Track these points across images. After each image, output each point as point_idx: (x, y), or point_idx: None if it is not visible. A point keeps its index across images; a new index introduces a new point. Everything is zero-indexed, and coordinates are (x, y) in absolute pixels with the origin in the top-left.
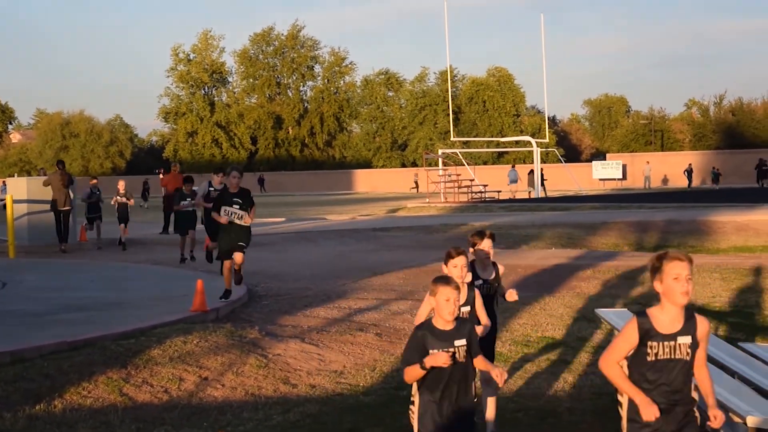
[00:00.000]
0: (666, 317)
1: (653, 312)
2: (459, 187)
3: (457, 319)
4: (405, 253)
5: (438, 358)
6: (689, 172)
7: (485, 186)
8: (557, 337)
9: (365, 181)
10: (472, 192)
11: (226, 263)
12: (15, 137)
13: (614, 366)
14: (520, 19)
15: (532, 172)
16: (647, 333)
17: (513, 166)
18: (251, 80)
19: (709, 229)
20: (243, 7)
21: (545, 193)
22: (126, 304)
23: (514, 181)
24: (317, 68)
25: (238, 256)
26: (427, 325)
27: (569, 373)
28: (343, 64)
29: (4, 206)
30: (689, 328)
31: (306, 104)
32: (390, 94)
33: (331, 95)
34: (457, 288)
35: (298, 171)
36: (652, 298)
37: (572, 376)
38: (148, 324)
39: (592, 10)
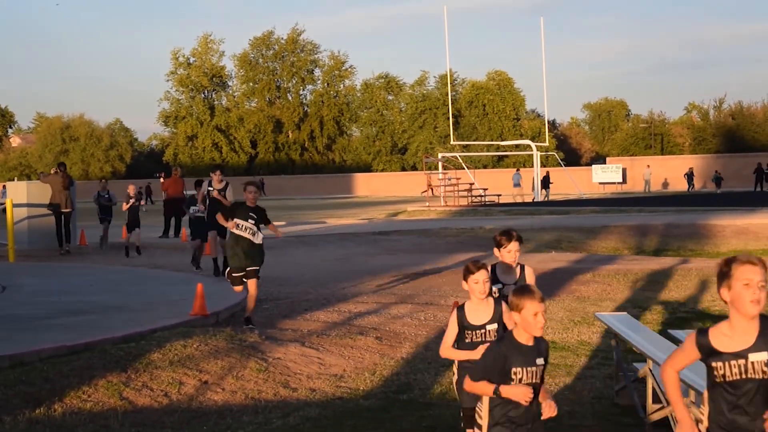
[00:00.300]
0: (733, 332)
1: (717, 329)
2: (459, 191)
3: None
4: (405, 257)
5: (518, 392)
6: (690, 176)
7: (485, 190)
8: (557, 341)
9: (365, 184)
10: (472, 196)
11: (237, 289)
12: (15, 141)
13: (669, 372)
14: (520, 23)
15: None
16: (708, 351)
17: (517, 170)
18: (251, 84)
19: (709, 232)
20: (243, 11)
21: (547, 197)
22: (126, 308)
23: (517, 184)
24: (317, 72)
25: (252, 286)
26: (509, 338)
27: (569, 376)
28: (343, 68)
29: (4, 210)
30: (766, 342)
31: (306, 108)
32: (390, 97)
33: (331, 99)
34: (543, 300)
35: (298, 175)
36: (652, 301)
37: (572, 380)
38: (148, 328)
39: (591, 13)
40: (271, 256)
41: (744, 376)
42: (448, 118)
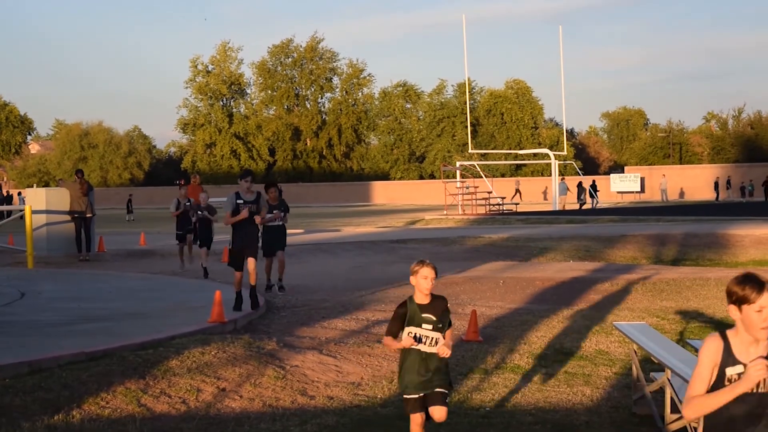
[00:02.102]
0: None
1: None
2: (477, 200)
3: None
4: None
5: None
6: (718, 185)
7: (503, 198)
8: (575, 350)
9: (383, 193)
10: (489, 204)
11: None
12: (34, 148)
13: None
14: (539, 32)
15: (581, 184)
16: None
17: (563, 179)
18: (269, 92)
19: (728, 242)
20: (262, 19)
21: (594, 204)
22: (144, 314)
23: (563, 193)
24: (335, 80)
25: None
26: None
27: (587, 386)
28: (361, 76)
29: (23, 216)
30: None
31: (324, 116)
32: (408, 106)
33: (349, 107)
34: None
35: (316, 182)
36: (670, 311)
37: (590, 389)
38: (167, 335)
39: (610, 22)
40: (289, 264)
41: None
42: (466, 127)
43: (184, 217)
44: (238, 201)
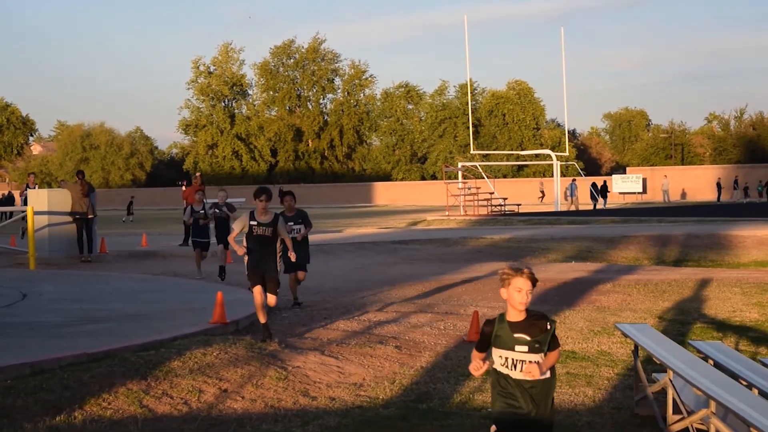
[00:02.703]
0: None
1: None
2: (479, 201)
3: None
4: (425, 267)
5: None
6: (720, 186)
7: (505, 199)
8: (577, 351)
9: (385, 193)
10: (491, 205)
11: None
12: (36, 149)
13: None
14: (540, 33)
15: (594, 184)
16: None
17: (573, 180)
18: (271, 93)
19: (730, 243)
20: (263, 20)
21: (603, 204)
22: (146, 315)
23: (573, 193)
24: (337, 81)
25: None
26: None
27: (589, 387)
28: (363, 77)
29: (25, 218)
30: None
31: (326, 117)
32: (410, 107)
33: (351, 108)
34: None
35: (317, 183)
36: (672, 312)
37: (592, 390)
38: (168, 336)
39: (612, 23)
40: None
41: None
42: (468, 128)
43: (200, 224)
44: (252, 223)
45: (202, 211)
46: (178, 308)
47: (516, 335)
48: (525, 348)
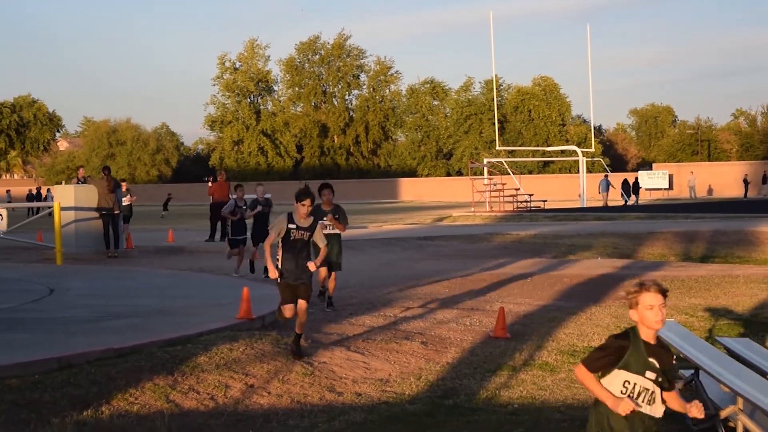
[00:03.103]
0: None
1: None
2: (504, 197)
3: None
4: (450, 262)
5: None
6: (747, 182)
7: (531, 195)
8: None
9: (410, 189)
10: (517, 201)
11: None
12: (62, 145)
13: None
14: (566, 29)
15: (626, 181)
16: None
17: (606, 176)
18: (297, 89)
19: (757, 239)
20: (289, 16)
21: (635, 200)
22: (172, 311)
23: (605, 189)
24: (363, 77)
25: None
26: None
27: None
28: (389, 73)
29: (51, 213)
30: None
31: (351, 113)
32: (435, 103)
33: (376, 104)
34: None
35: (343, 179)
36: (699, 308)
37: None
38: (195, 331)
39: (638, 19)
40: None
41: None
42: (494, 124)
43: (240, 221)
44: (290, 226)
45: (245, 207)
46: (204, 304)
47: (650, 359)
48: (653, 375)
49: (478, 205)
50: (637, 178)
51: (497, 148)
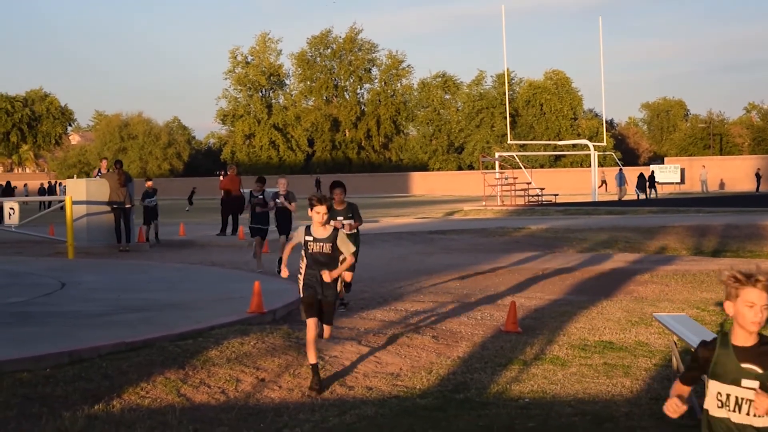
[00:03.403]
0: None
1: None
2: (516, 191)
3: None
4: (461, 257)
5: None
6: (759, 176)
7: (542, 189)
8: (615, 342)
9: (422, 183)
10: (529, 195)
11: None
12: (74, 139)
13: None
14: (578, 22)
15: (642, 174)
16: None
17: (620, 170)
18: (308, 83)
19: None
20: (301, 10)
21: (655, 194)
22: (183, 305)
23: (621, 183)
24: (374, 71)
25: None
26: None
27: (627, 377)
28: (400, 67)
29: (63, 207)
30: None
31: (363, 107)
32: (447, 97)
33: (388, 98)
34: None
35: (354, 173)
36: (711, 303)
37: (630, 381)
38: (206, 325)
39: (650, 13)
40: None
41: None
42: (505, 118)
43: (260, 212)
44: (307, 238)
45: (261, 196)
46: (215, 297)
47: (744, 365)
48: (755, 383)
49: (490, 199)
50: (653, 172)
51: (509, 142)
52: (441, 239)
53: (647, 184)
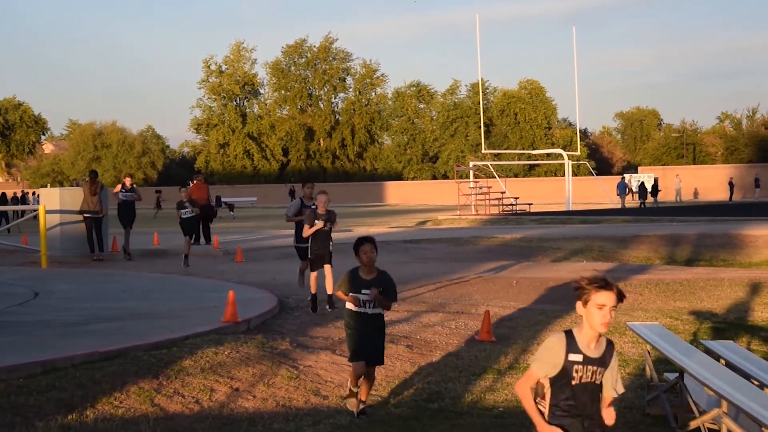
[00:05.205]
0: None
1: None
2: (490, 200)
3: None
4: (436, 266)
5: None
6: (732, 185)
7: (516, 198)
8: None
9: (396, 193)
10: (503, 204)
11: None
12: (48, 148)
13: None
14: (552, 32)
15: (642, 183)
16: None
17: (623, 178)
18: (283, 92)
19: (742, 242)
20: (275, 19)
21: (656, 203)
22: (157, 314)
23: (623, 192)
24: (349, 80)
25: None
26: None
27: None
28: (375, 76)
29: (36, 216)
30: None
31: (337, 116)
32: (421, 106)
33: (362, 107)
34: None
35: (329, 182)
36: (684, 312)
37: None
38: (180, 335)
39: (624, 23)
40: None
41: None
42: (480, 127)
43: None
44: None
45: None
46: (189, 307)
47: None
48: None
49: (464, 209)
50: (656, 180)
51: (483, 151)
52: (415, 248)
53: (649, 192)
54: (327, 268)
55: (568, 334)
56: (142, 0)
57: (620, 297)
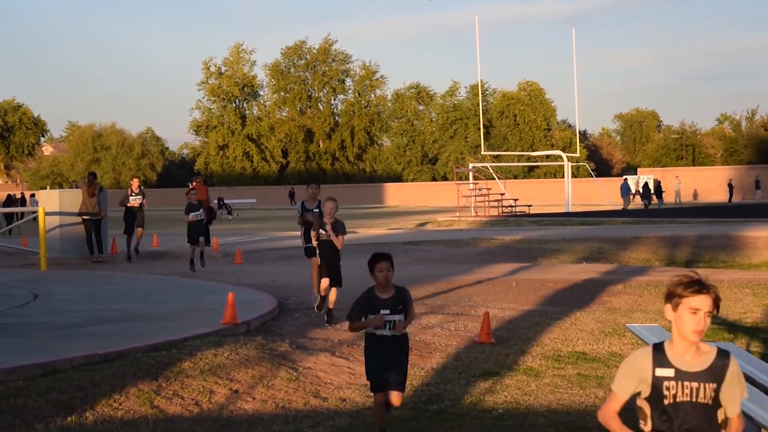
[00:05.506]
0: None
1: None
2: (489, 201)
3: None
4: (435, 267)
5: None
6: (732, 187)
7: (516, 200)
8: (588, 353)
9: (396, 194)
10: (502, 206)
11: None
12: (47, 150)
13: None
14: (552, 34)
15: (646, 184)
16: None
17: (625, 179)
18: (282, 93)
19: (741, 244)
20: (275, 21)
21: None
22: (157, 316)
23: (626, 193)
24: (348, 82)
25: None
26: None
27: (600, 388)
28: (374, 78)
29: (36, 218)
30: None
31: (337, 118)
32: (421, 107)
33: (361, 109)
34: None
35: (328, 184)
36: None
37: (603, 392)
38: (179, 336)
39: (623, 24)
40: (302, 266)
41: None
42: (479, 129)
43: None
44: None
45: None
46: (189, 309)
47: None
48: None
49: (464, 210)
50: (659, 182)
51: (482, 152)
52: (415, 250)
53: (653, 193)
54: (333, 291)
55: (657, 346)
56: (142, 1)
57: (717, 302)
